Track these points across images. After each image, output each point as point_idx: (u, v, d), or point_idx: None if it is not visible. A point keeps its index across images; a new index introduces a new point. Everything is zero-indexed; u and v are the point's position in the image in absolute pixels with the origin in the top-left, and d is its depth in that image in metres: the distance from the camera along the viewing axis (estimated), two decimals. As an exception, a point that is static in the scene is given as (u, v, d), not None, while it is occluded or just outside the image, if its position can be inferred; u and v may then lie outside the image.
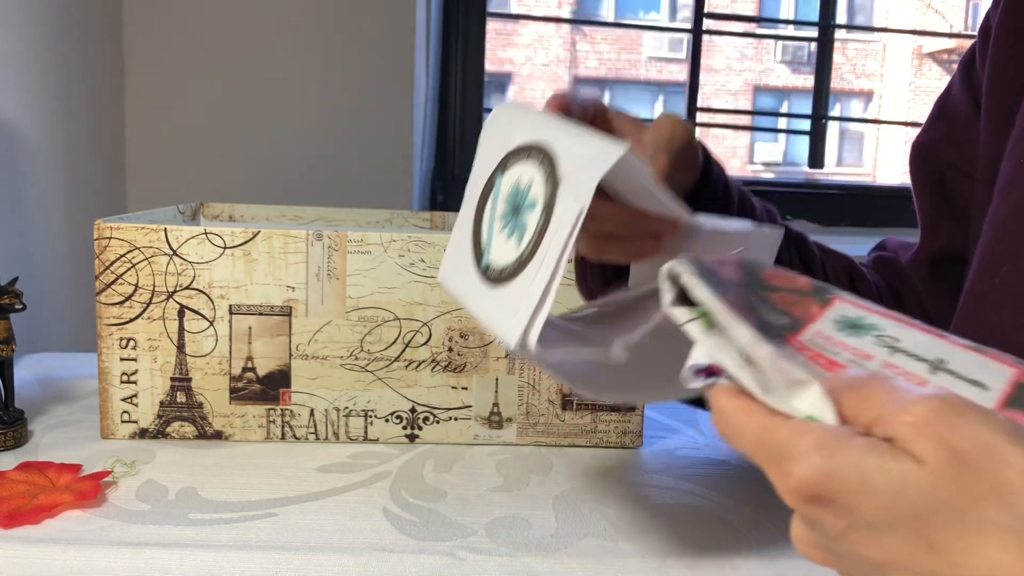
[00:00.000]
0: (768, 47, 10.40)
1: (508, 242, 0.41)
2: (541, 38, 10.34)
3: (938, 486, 0.26)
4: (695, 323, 0.31)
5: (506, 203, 0.42)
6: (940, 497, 0.26)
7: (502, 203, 0.42)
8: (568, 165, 0.39)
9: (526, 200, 0.40)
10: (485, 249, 0.43)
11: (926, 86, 10.07)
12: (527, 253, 0.39)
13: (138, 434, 0.65)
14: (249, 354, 0.65)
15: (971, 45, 0.59)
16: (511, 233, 0.41)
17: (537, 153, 0.41)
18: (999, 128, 0.53)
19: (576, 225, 0.37)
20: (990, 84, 0.54)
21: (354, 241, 0.64)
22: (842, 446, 0.27)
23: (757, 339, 0.30)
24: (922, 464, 0.26)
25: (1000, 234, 0.49)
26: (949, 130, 0.60)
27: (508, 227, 0.41)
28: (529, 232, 0.39)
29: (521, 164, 0.42)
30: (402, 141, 1.30)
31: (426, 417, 0.67)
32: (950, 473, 0.26)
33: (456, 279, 0.45)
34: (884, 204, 1.60)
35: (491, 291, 0.41)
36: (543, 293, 0.37)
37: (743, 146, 10.67)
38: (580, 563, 0.49)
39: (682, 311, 0.32)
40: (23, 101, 0.94)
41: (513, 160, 0.42)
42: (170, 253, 0.63)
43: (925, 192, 0.62)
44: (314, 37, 1.27)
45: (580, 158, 0.38)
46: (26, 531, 0.49)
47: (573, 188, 0.38)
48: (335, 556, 0.48)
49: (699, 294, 0.31)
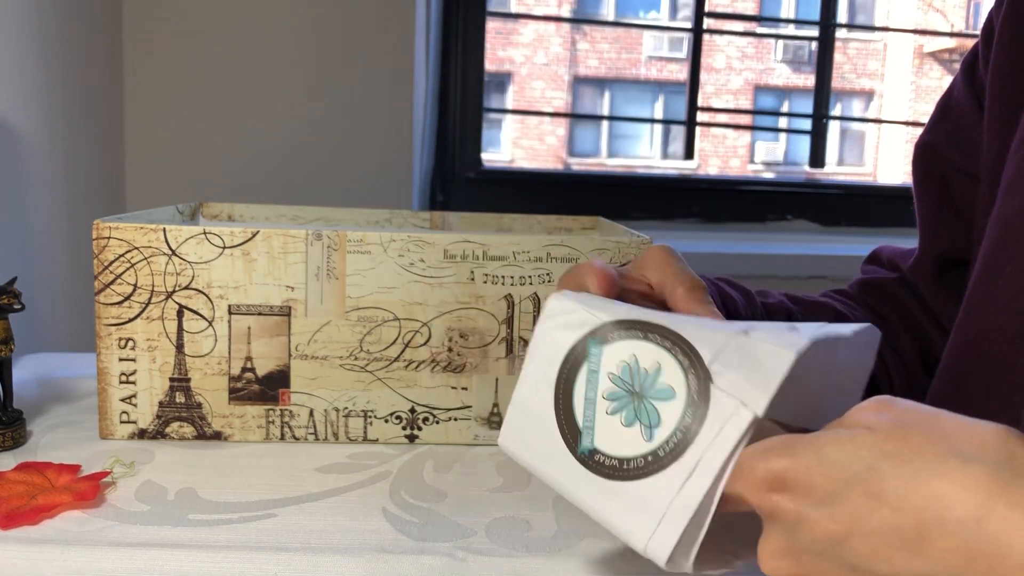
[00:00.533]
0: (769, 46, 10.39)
1: (628, 429, 0.37)
2: (541, 38, 10.33)
3: (887, 440, 0.30)
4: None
5: (615, 383, 0.37)
6: (887, 450, 0.30)
7: (607, 380, 0.38)
8: (719, 363, 0.35)
9: (654, 386, 0.36)
10: (585, 430, 0.38)
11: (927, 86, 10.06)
12: (668, 453, 0.35)
13: (137, 434, 0.65)
14: (248, 354, 0.65)
15: (973, 45, 0.59)
16: (631, 420, 0.37)
17: (660, 335, 0.36)
18: (1002, 129, 0.53)
19: (744, 434, 0.33)
20: (993, 85, 0.54)
21: (354, 241, 0.64)
22: (803, 437, 0.32)
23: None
24: (872, 430, 0.31)
25: (1004, 235, 0.49)
26: (952, 131, 0.60)
27: (624, 411, 0.37)
28: (668, 427, 0.35)
29: (634, 340, 0.37)
30: (402, 141, 1.30)
31: (426, 417, 0.67)
32: (896, 432, 0.30)
33: (532, 453, 0.40)
34: (885, 204, 1.60)
35: (604, 484, 0.37)
36: (699, 507, 0.34)
37: (743, 146, 10.66)
38: (580, 564, 0.48)
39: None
40: (23, 101, 0.94)
41: (618, 333, 0.38)
42: (169, 253, 0.63)
43: (928, 193, 0.61)
44: (314, 37, 1.27)
45: (734, 357, 0.34)
46: (25, 532, 0.49)
47: (735, 391, 0.34)
48: (335, 556, 0.48)
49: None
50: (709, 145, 10.49)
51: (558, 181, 1.58)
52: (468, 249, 0.65)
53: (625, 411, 0.37)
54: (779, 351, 0.33)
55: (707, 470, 0.34)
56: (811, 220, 1.58)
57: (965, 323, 0.50)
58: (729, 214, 1.55)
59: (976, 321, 0.49)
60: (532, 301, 0.66)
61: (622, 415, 0.37)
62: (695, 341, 0.35)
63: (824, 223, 1.58)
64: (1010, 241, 0.48)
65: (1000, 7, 0.55)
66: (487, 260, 0.66)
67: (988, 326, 0.48)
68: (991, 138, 0.54)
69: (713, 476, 0.34)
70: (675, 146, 10.59)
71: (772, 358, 0.33)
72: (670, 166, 10.55)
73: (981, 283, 0.50)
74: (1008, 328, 0.47)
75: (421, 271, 0.65)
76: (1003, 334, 0.47)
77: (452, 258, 0.65)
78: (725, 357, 0.35)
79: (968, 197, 0.58)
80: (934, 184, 0.61)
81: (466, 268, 0.65)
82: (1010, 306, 0.47)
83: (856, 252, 0.71)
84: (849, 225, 1.59)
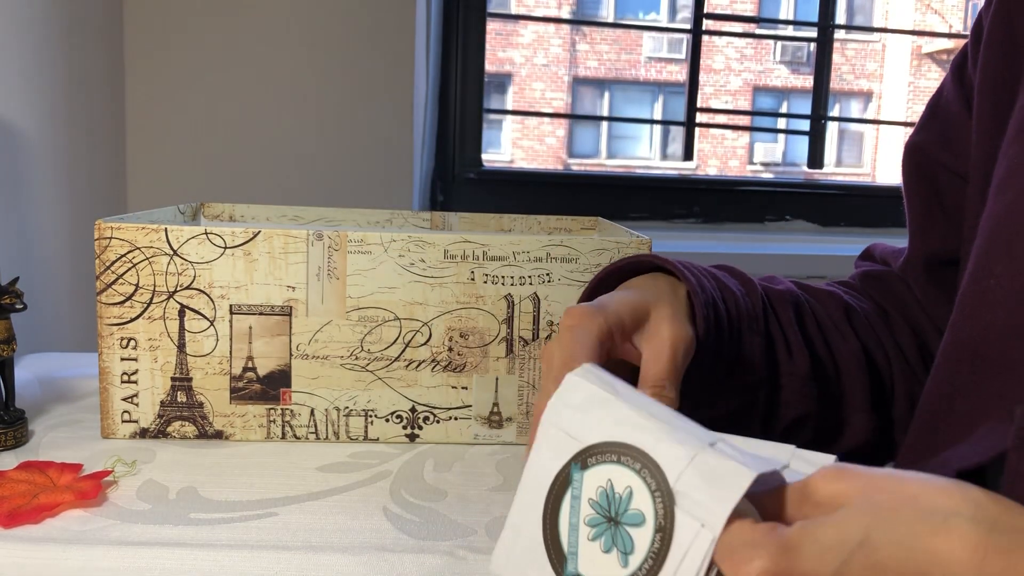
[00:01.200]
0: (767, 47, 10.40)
1: (606, 555, 0.38)
2: (541, 38, 10.34)
3: (867, 512, 0.31)
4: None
5: (595, 509, 0.38)
6: (870, 523, 0.31)
7: (588, 506, 0.39)
8: (682, 483, 0.36)
9: (626, 512, 0.37)
10: (569, 556, 0.39)
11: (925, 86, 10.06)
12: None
13: (139, 434, 0.65)
14: (250, 354, 0.65)
15: (963, 45, 0.59)
16: (609, 546, 0.38)
17: (631, 457, 0.38)
18: (992, 128, 0.53)
19: (708, 555, 0.34)
20: (982, 84, 0.54)
21: (354, 241, 0.64)
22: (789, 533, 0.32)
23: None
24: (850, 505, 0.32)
25: (994, 235, 0.49)
26: (941, 131, 0.60)
27: (603, 538, 0.38)
28: (640, 553, 0.36)
29: (609, 465, 0.38)
30: (402, 141, 1.30)
31: (426, 417, 0.67)
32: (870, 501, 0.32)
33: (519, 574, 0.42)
34: (883, 204, 1.61)
35: None
36: None
37: (742, 146, 10.67)
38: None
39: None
40: (23, 101, 0.94)
41: (596, 458, 0.39)
42: (171, 253, 0.64)
43: (918, 193, 0.62)
44: (314, 37, 1.27)
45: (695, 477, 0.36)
46: (27, 530, 0.49)
47: (697, 513, 0.35)
48: (335, 556, 0.48)
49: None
50: (708, 146, 10.50)
51: (558, 181, 1.58)
52: (468, 249, 0.66)
53: (603, 537, 0.38)
54: (739, 468, 0.35)
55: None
56: (810, 220, 1.58)
57: (958, 322, 0.51)
58: (728, 214, 1.55)
59: (968, 320, 0.50)
60: (532, 301, 0.67)
61: (601, 541, 0.38)
62: (661, 460, 0.37)
63: (823, 223, 1.59)
64: (1000, 240, 0.48)
65: (989, 7, 0.55)
66: (487, 260, 0.66)
67: (980, 325, 0.48)
68: (980, 138, 0.54)
69: None
70: (674, 147, 10.60)
71: (732, 475, 0.35)
72: (669, 166, 10.56)
73: (972, 282, 0.50)
74: (999, 326, 0.47)
75: (421, 271, 0.65)
76: (995, 332, 0.47)
77: (452, 258, 0.65)
78: (688, 476, 0.36)
79: (958, 197, 0.58)
80: (924, 184, 0.61)
81: (466, 268, 0.66)
82: (1001, 305, 0.47)
83: (854, 252, 0.71)
84: (848, 225, 1.59)
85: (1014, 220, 0.48)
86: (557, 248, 0.66)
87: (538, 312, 0.67)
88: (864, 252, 0.69)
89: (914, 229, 0.62)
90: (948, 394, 0.51)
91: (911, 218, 0.63)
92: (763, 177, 7.69)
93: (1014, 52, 0.52)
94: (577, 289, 0.67)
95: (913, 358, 0.62)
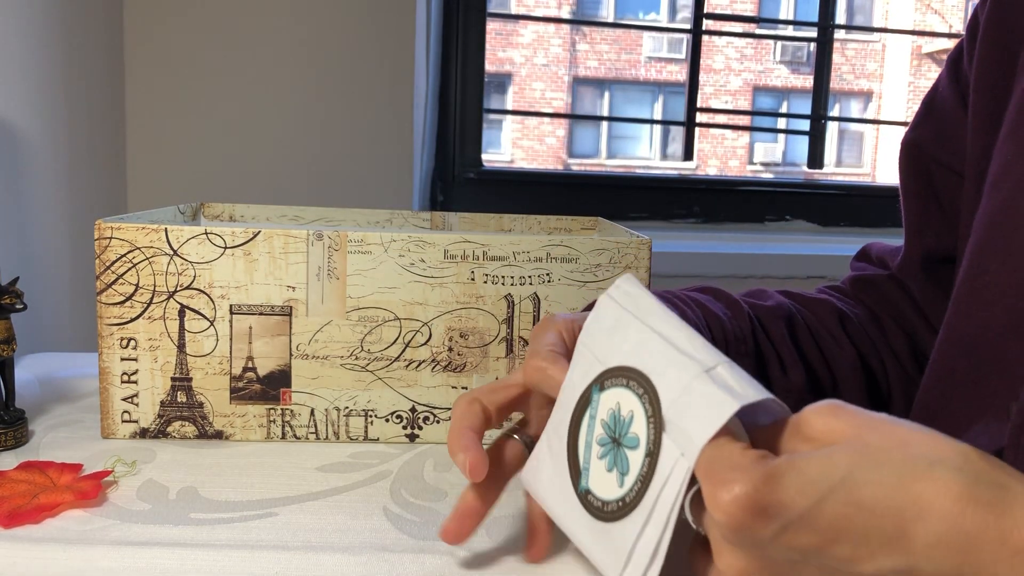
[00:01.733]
0: (767, 47, 10.40)
1: (609, 474, 0.39)
2: (541, 38, 10.34)
3: (855, 450, 0.32)
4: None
5: (604, 428, 0.40)
6: (856, 461, 0.31)
7: (600, 426, 0.40)
8: (673, 410, 0.37)
9: (626, 434, 0.39)
10: (583, 471, 0.41)
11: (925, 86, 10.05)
12: (631, 499, 0.38)
13: (139, 434, 0.66)
14: (250, 354, 0.65)
15: (959, 42, 0.59)
16: (612, 465, 0.39)
17: (637, 382, 0.39)
18: (987, 125, 0.53)
19: (684, 484, 0.36)
20: (977, 81, 0.54)
21: (354, 241, 0.64)
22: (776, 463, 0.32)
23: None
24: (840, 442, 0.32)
25: (989, 232, 0.49)
26: (937, 128, 0.60)
27: (608, 456, 0.40)
28: (632, 474, 0.38)
29: (620, 388, 0.40)
30: (402, 141, 1.31)
31: (426, 417, 0.67)
32: (860, 441, 0.32)
33: (545, 488, 0.44)
34: (883, 204, 1.61)
35: (592, 523, 0.40)
36: (653, 553, 0.37)
37: (742, 146, 10.67)
38: (581, 563, 0.49)
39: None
40: (23, 101, 0.94)
41: (611, 380, 0.40)
42: (171, 253, 0.64)
43: (914, 190, 0.61)
44: (314, 37, 1.27)
45: (684, 405, 0.36)
46: (27, 530, 0.49)
47: (679, 441, 0.36)
48: (335, 556, 0.48)
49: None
50: (708, 146, 10.50)
51: (558, 181, 1.58)
52: (468, 249, 0.66)
53: (608, 457, 0.40)
54: (724, 399, 0.35)
55: (659, 518, 0.37)
56: (810, 220, 1.58)
57: (953, 319, 0.51)
58: (728, 214, 1.55)
59: (964, 317, 0.50)
60: (532, 301, 0.67)
61: (607, 460, 0.40)
62: (660, 387, 0.38)
63: (822, 223, 1.59)
64: (996, 237, 0.48)
65: (984, 4, 0.54)
66: (487, 260, 0.66)
67: (976, 322, 0.48)
68: (976, 135, 0.54)
69: (663, 523, 0.36)
70: (674, 147, 10.60)
71: (716, 406, 0.35)
72: (669, 166, 10.56)
73: (968, 279, 0.50)
74: (995, 324, 0.47)
75: (421, 271, 0.65)
76: (990, 329, 0.47)
77: (452, 258, 0.65)
78: (679, 404, 0.37)
79: (954, 194, 0.58)
80: (920, 181, 0.61)
81: (466, 268, 0.66)
82: (997, 302, 0.47)
83: (854, 252, 0.71)
84: (847, 225, 1.59)
85: (1009, 217, 0.48)
86: (557, 248, 0.66)
87: (538, 312, 0.67)
88: (860, 251, 0.69)
89: (910, 227, 0.62)
90: (944, 392, 0.51)
91: (907, 216, 0.62)
92: (763, 177, 7.69)
93: (1009, 48, 0.52)
94: (577, 289, 0.67)
95: (908, 362, 0.62)
